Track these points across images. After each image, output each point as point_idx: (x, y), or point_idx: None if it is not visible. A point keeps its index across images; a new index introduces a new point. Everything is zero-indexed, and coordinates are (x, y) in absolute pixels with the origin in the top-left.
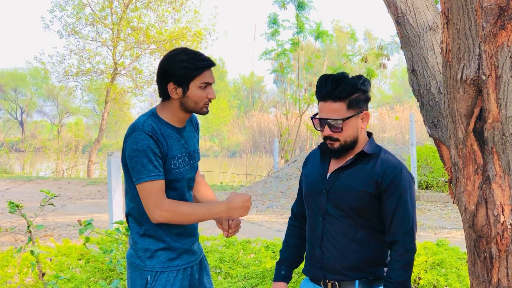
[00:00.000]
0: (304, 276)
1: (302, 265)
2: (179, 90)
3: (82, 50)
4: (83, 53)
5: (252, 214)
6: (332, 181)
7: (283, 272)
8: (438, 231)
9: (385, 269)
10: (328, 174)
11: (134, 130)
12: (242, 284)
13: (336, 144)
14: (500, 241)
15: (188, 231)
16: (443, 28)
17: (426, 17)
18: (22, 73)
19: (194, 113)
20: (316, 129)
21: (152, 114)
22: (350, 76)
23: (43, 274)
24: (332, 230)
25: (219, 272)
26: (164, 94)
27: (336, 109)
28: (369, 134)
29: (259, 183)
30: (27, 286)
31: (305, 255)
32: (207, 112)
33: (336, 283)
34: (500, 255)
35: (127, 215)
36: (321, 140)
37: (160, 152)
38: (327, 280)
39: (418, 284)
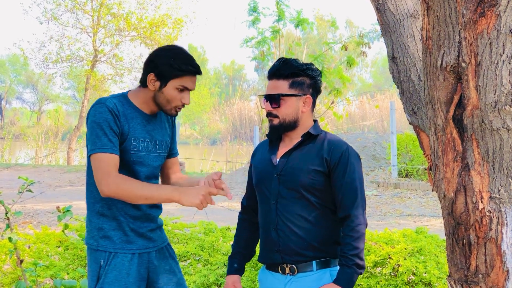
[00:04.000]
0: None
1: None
2: (157, 84)
3: (62, 37)
4: (63, 40)
5: (232, 201)
6: (283, 165)
7: (235, 265)
8: (418, 219)
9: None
10: (278, 159)
11: (96, 103)
12: (222, 272)
13: (276, 121)
14: (479, 228)
15: (146, 216)
16: (423, 15)
17: (407, 4)
18: (1, 60)
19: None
20: (262, 107)
21: (122, 95)
22: (301, 61)
23: (21, 261)
24: (286, 212)
25: (198, 260)
26: (143, 82)
27: (278, 86)
28: (314, 121)
29: (239, 170)
30: (5, 273)
31: (258, 244)
32: (175, 115)
33: (294, 266)
34: (479, 242)
35: (86, 193)
36: None
37: (118, 130)
38: (285, 265)
39: (397, 271)
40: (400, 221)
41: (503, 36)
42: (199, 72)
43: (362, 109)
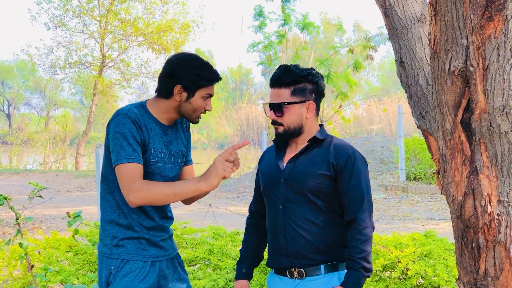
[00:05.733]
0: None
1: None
2: (184, 94)
3: (70, 43)
4: (71, 46)
5: (240, 206)
6: (290, 169)
7: (244, 270)
8: (426, 223)
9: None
10: (285, 164)
11: (118, 114)
12: (231, 276)
13: (281, 129)
14: (488, 232)
15: (159, 226)
16: (431, 19)
17: (414, 9)
18: (9, 66)
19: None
20: (266, 115)
21: (141, 105)
22: (301, 67)
23: (32, 267)
24: (293, 216)
25: (207, 264)
26: (167, 93)
27: (281, 95)
28: (320, 125)
29: (247, 175)
30: (15, 278)
31: (267, 248)
32: (198, 122)
33: (302, 270)
34: (488, 245)
35: (101, 201)
36: None
37: (141, 140)
38: (293, 268)
39: (406, 275)
40: (408, 224)
41: (510, 40)
42: (221, 78)
43: (370, 112)
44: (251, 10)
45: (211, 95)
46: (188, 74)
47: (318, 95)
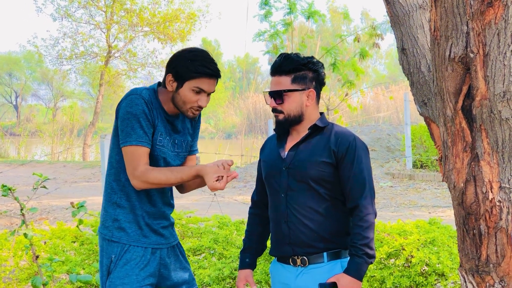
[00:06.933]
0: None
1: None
2: (174, 84)
3: (76, 33)
4: (77, 36)
5: (246, 195)
6: (291, 158)
7: (247, 259)
8: (433, 210)
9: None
10: (286, 153)
11: (131, 93)
12: (236, 265)
13: (281, 116)
14: (489, 218)
15: (160, 213)
16: (431, 6)
17: None
18: (16, 57)
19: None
20: (267, 103)
21: (152, 89)
22: (302, 56)
23: (37, 257)
24: (296, 204)
25: (213, 253)
26: (164, 82)
27: (281, 82)
28: (321, 113)
29: (254, 164)
30: (21, 268)
31: (270, 237)
32: (192, 117)
33: (305, 258)
34: (489, 232)
35: (105, 182)
36: None
37: (152, 122)
38: (296, 256)
39: (410, 262)
40: (415, 212)
41: (511, 26)
42: (217, 75)
43: (377, 100)
44: None
45: (202, 90)
46: (179, 65)
47: (319, 83)
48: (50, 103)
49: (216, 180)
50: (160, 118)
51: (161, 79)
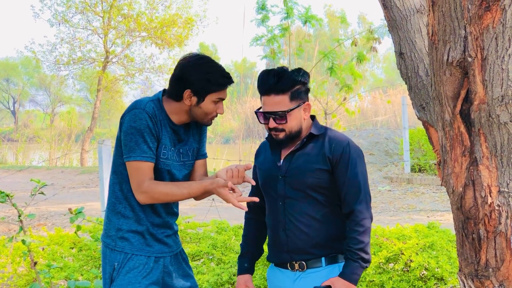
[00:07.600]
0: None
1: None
2: (194, 99)
3: (73, 39)
4: (74, 42)
5: None
6: (287, 166)
7: (246, 264)
8: (431, 214)
9: None
10: (281, 160)
11: (135, 107)
12: (235, 270)
13: (281, 135)
14: (488, 222)
15: (165, 222)
16: (429, 10)
17: (413, 0)
18: (14, 63)
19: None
20: (261, 123)
21: (157, 99)
22: (289, 70)
23: (35, 263)
24: (294, 212)
25: (211, 258)
26: (177, 96)
27: (280, 102)
28: (313, 117)
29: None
30: (20, 275)
31: (267, 243)
32: (210, 124)
33: (304, 262)
34: (488, 236)
35: (109, 191)
36: None
37: (156, 136)
38: (294, 262)
39: (409, 266)
40: (413, 216)
41: (508, 30)
42: (233, 82)
43: (375, 104)
44: (254, 4)
45: (222, 99)
46: (198, 79)
47: (308, 93)
48: (47, 109)
49: (231, 189)
50: (164, 130)
51: (158, 84)
